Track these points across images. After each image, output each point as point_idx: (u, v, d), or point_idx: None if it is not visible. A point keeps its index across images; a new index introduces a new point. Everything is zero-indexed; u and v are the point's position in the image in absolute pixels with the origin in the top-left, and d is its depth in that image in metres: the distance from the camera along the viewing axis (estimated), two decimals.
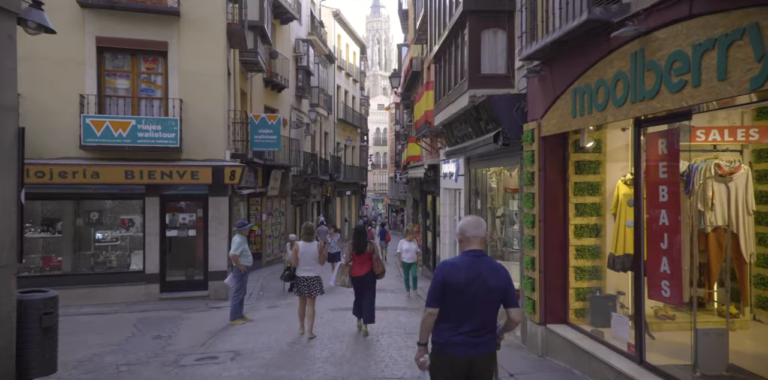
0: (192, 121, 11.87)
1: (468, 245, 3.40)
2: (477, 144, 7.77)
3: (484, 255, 3.42)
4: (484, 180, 10.74)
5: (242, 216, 18.20)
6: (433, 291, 3.34)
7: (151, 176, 11.38)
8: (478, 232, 3.41)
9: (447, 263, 3.42)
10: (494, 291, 3.27)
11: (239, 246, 9.20)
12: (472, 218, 3.55)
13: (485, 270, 3.29)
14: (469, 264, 3.30)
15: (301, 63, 23.93)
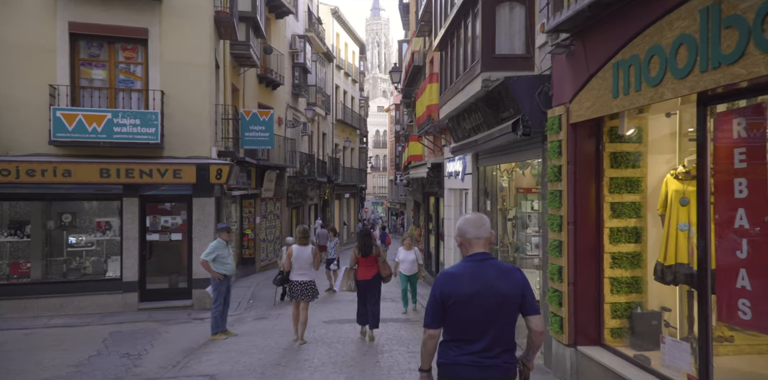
0: (174, 115, 10.90)
1: (470, 248, 2.90)
2: (490, 136, 6.80)
3: (490, 257, 2.88)
4: (494, 179, 9.76)
5: (234, 220, 17.23)
6: (431, 309, 2.83)
7: (129, 175, 10.39)
8: (480, 232, 2.89)
9: (445, 274, 2.90)
10: (507, 299, 2.75)
11: (213, 251, 8.29)
12: (473, 216, 2.99)
13: (493, 276, 2.77)
14: (472, 271, 2.79)
15: (298, 60, 23.00)
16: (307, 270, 7.84)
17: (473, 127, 8.00)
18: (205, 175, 10.77)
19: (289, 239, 11.79)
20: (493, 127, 6.98)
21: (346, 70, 35.32)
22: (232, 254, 8.64)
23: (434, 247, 14.99)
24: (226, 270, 8.38)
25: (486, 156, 9.13)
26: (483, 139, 7.24)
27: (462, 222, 2.95)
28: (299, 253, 7.76)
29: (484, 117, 7.24)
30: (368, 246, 8.01)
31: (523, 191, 9.60)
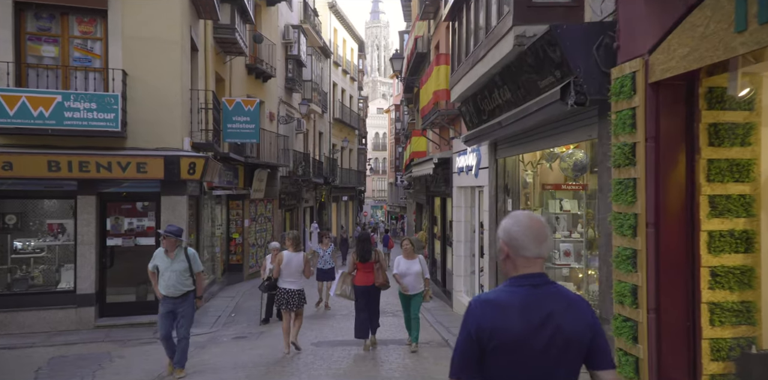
0: (140, 100, 9.32)
1: (522, 267, 1.99)
2: (523, 112, 5.22)
3: (550, 281, 1.99)
4: (516, 173, 8.18)
5: (219, 222, 15.65)
6: (461, 351, 1.96)
7: (84, 168, 8.80)
8: (542, 250, 1.98)
9: (484, 301, 1.99)
10: (572, 343, 1.91)
11: (152, 260, 6.62)
12: (531, 220, 2.04)
13: (556, 310, 1.92)
14: (526, 302, 1.92)
15: (292, 51, 21.46)
16: (297, 278, 7.53)
17: (495, 106, 6.43)
18: (175, 169, 9.18)
19: (273, 244, 10.17)
20: (525, 102, 5.41)
21: (345, 68, 33.84)
22: (181, 269, 6.46)
23: (440, 253, 13.40)
24: (161, 288, 6.51)
25: (508, 144, 7.56)
26: (511, 118, 5.66)
27: (516, 230, 2.01)
28: (290, 260, 7.44)
29: (512, 91, 5.67)
30: (367, 251, 7.75)
31: (550, 188, 8.04)
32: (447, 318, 10.25)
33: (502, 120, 6.00)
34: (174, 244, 6.47)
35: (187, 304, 6.56)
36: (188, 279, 6.52)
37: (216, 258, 15.03)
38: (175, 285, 6.42)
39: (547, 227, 2.05)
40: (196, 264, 6.62)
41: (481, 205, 9.61)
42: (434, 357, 7.40)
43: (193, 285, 6.58)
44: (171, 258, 6.45)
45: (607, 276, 4.42)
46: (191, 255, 6.58)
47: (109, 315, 9.50)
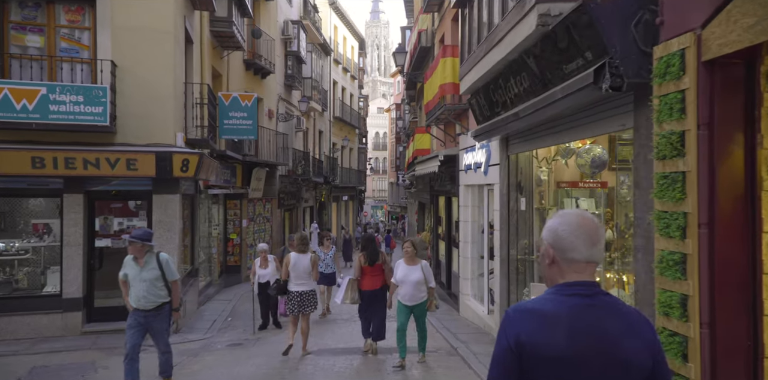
0: (129, 93, 8.83)
1: (570, 273, 1.69)
2: (546, 100, 4.71)
3: (602, 292, 1.68)
4: (529, 170, 7.69)
5: (216, 223, 15.15)
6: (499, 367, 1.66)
7: (70, 165, 8.30)
8: (595, 253, 1.70)
9: (523, 310, 1.68)
10: (631, 368, 1.60)
11: (122, 268, 5.83)
12: (580, 218, 1.73)
13: (613, 325, 1.62)
14: (574, 314, 1.62)
15: (291, 47, 20.96)
16: (306, 280, 7.38)
17: (511, 97, 5.93)
18: (167, 166, 8.67)
19: (261, 246, 9.69)
20: (546, 90, 4.90)
21: (345, 65, 33.35)
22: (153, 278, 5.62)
23: (445, 255, 12.90)
24: (132, 300, 5.69)
25: (522, 139, 7.06)
26: (530, 108, 5.15)
27: (564, 230, 1.72)
28: (297, 261, 7.31)
29: (531, 78, 5.16)
30: (375, 253, 7.43)
31: (565, 186, 7.54)
32: (454, 324, 9.75)
33: (520, 111, 5.49)
34: (141, 250, 5.62)
35: (161, 318, 5.74)
36: (161, 289, 5.66)
37: (213, 260, 14.54)
38: (147, 297, 5.59)
39: (601, 228, 1.73)
40: (170, 272, 5.75)
41: (490, 204, 9.11)
42: (443, 367, 6.89)
43: (167, 296, 5.73)
44: (140, 266, 5.63)
45: (645, 284, 3.92)
46: (164, 262, 5.73)
47: (98, 320, 9.00)
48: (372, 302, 7.39)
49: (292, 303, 7.32)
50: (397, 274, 6.83)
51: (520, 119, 5.56)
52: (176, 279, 5.81)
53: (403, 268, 6.82)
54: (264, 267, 9.44)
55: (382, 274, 7.44)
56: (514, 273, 7.69)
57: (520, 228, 7.68)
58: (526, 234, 7.67)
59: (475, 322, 9.53)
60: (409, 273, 6.75)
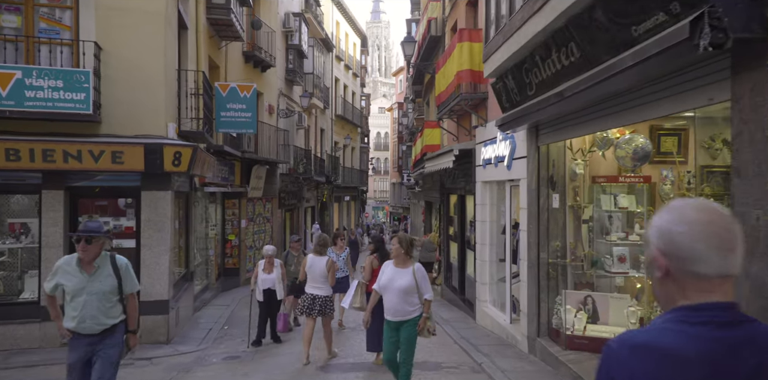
0: (116, 78, 8.01)
1: (695, 291, 1.24)
2: (606, 71, 3.87)
3: (748, 318, 1.23)
4: (562, 163, 6.86)
5: (214, 223, 14.31)
6: None
7: (49, 157, 7.47)
8: (729, 260, 1.21)
9: (638, 347, 1.22)
10: None
11: (52, 275, 4.22)
12: (703, 212, 1.23)
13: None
14: (709, 351, 1.18)
15: (292, 41, 20.15)
16: (322, 284, 7.07)
17: (552, 74, 5.09)
18: (157, 159, 7.85)
19: (268, 248, 8.70)
20: (603, 62, 4.07)
21: (347, 63, 32.55)
22: (106, 291, 4.12)
23: (457, 257, 12.06)
24: (69, 321, 4.09)
25: (554, 127, 6.23)
26: (581, 84, 4.31)
27: (682, 232, 1.22)
28: (313, 264, 7.08)
29: (584, 47, 4.32)
30: (386, 255, 6.70)
31: (603, 181, 6.72)
32: (471, 333, 8.91)
33: (565, 89, 4.65)
34: (95, 251, 4.10)
35: (112, 345, 4.14)
36: (115, 305, 4.16)
37: (210, 262, 13.71)
38: (96, 316, 4.05)
39: (736, 225, 1.23)
40: (131, 282, 4.29)
41: (514, 202, 8.29)
42: None
43: (122, 314, 4.24)
44: (88, 274, 4.09)
45: (760, 290, 3.07)
46: (123, 268, 4.24)
47: None
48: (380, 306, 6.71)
49: (305, 304, 7.08)
50: (381, 279, 5.26)
51: (564, 100, 4.73)
52: (137, 291, 4.39)
53: (388, 271, 5.27)
54: (268, 272, 8.39)
55: None
56: (544, 278, 6.86)
57: (551, 228, 6.85)
58: (559, 234, 6.84)
59: (495, 332, 8.69)
60: (396, 277, 5.17)
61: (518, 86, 6.07)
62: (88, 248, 4.06)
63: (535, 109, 5.61)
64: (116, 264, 4.21)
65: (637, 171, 6.73)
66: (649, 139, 6.73)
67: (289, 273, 9.16)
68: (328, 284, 7.09)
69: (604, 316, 6.43)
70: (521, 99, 6.15)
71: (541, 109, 5.48)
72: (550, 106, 5.11)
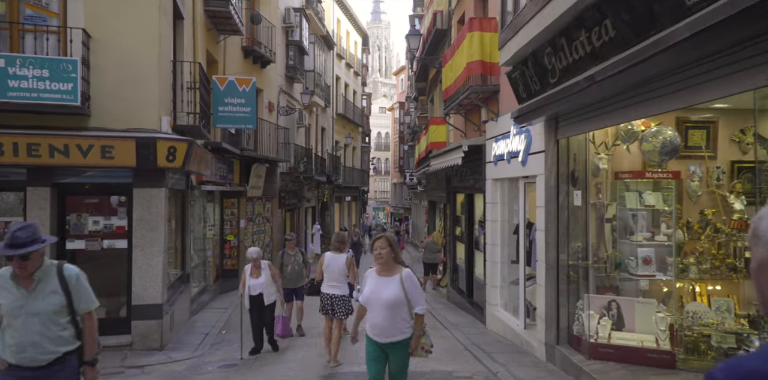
0: (106, 69, 7.55)
1: None
2: (652, 48, 3.41)
3: None
4: (584, 157, 6.39)
5: (212, 222, 13.84)
6: None
7: (33, 152, 7.01)
8: None
9: (751, 374, 1.01)
10: None
11: None
12: None
13: None
14: None
15: (293, 37, 19.70)
16: (341, 282, 6.90)
17: (580, 57, 4.62)
18: (150, 155, 7.38)
19: (252, 251, 7.80)
20: (645, 39, 3.61)
21: (348, 61, 32.11)
22: (51, 311, 3.22)
23: (465, 259, 11.59)
24: (4, 351, 3.21)
25: (579, 118, 5.77)
26: (618, 64, 3.85)
27: None
28: (331, 262, 6.90)
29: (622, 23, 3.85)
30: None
31: (628, 177, 6.26)
32: (482, 339, 8.44)
33: (597, 72, 4.19)
34: (35, 264, 3.17)
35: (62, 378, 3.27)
36: (65, 328, 3.27)
37: (208, 263, 13.26)
38: (38, 344, 3.17)
39: None
40: (84, 297, 3.36)
41: (529, 200, 7.82)
42: None
43: (76, 341, 3.33)
44: (28, 290, 3.19)
45: None
46: (72, 280, 3.31)
47: None
48: None
49: (323, 305, 6.93)
50: (363, 291, 4.31)
51: (595, 85, 4.27)
52: (94, 308, 3.44)
53: (372, 281, 4.26)
54: (256, 277, 7.60)
55: None
56: (564, 282, 6.39)
57: (571, 227, 6.39)
58: (580, 234, 6.37)
59: (507, 337, 8.22)
60: (381, 288, 4.16)
61: (539, 73, 5.61)
62: (26, 264, 3.11)
63: (559, 98, 5.15)
64: (64, 277, 3.27)
65: (663, 166, 6.28)
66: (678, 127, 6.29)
67: (285, 274, 8.67)
68: (345, 283, 6.91)
69: (630, 323, 5.97)
70: (541, 87, 5.68)
71: (565, 97, 5.02)
72: (577, 93, 4.65)
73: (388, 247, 4.21)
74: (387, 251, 4.20)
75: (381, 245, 4.22)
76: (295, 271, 8.86)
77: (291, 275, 8.78)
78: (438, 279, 15.53)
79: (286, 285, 8.52)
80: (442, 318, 10.50)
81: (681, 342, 5.55)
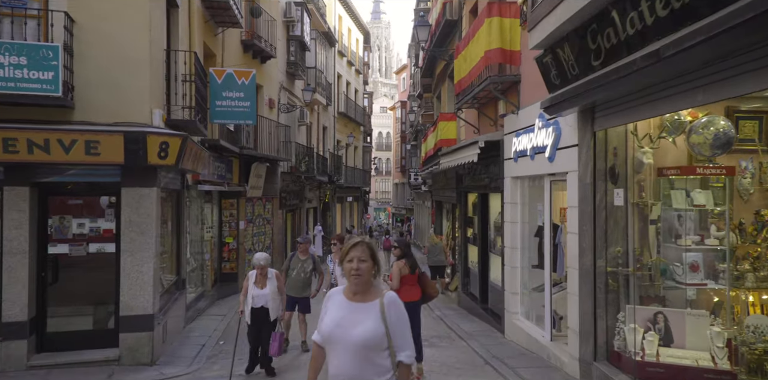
0: (92, 57, 6.88)
1: None
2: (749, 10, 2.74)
3: None
4: (626, 151, 5.71)
5: (210, 224, 13.16)
6: None
7: (10, 147, 6.32)
8: None
9: None
10: None
11: None
12: None
13: None
14: None
15: (294, 32, 19.03)
16: None
17: (637, 32, 3.94)
18: (140, 150, 6.69)
19: (259, 256, 6.81)
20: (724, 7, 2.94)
21: (350, 59, 31.45)
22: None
23: (478, 263, 10.91)
24: None
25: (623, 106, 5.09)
26: (701, 32, 3.18)
27: None
28: None
29: None
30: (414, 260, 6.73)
31: (674, 173, 5.58)
32: (503, 350, 7.77)
33: (664, 47, 3.51)
34: None
35: None
36: None
37: (205, 267, 12.56)
38: None
39: None
40: None
41: (556, 200, 7.15)
42: None
43: None
44: None
45: None
46: None
47: (51, 349, 7.01)
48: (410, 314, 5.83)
49: None
50: (323, 323, 2.78)
51: (661, 62, 3.59)
52: None
53: (336, 308, 2.80)
54: (261, 287, 6.66)
55: (418, 284, 6.70)
56: (602, 291, 5.71)
57: (610, 230, 5.70)
58: (619, 238, 5.69)
59: (531, 350, 7.53)
60: (348, 321, 2.71)
61: (578, 56, 4.93)
62: None
63: (603, 82, 4.47)
64: None
65: (713, 160, 5.60)
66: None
67: (290, 282, 7.91)
68: None
69: (680, 338, 5.29)
70: (580, 72, 5.00)
71: (612, 81, 4.34)
72: (630, 75, 3.97)
73: (370, 260, 2.76)
74: (367, 266, 2.74)
75: (360, 255, 2.74)
76: (301, 279, 8.03)
77: (294, 282, 7.98)
78: (446, 282, 14.85)
79: (287, 292, 7.68)
80: (455, 326, 9.83)
81: (742, 361, 4.87)
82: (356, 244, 2.78)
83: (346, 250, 2.78)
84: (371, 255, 2.77)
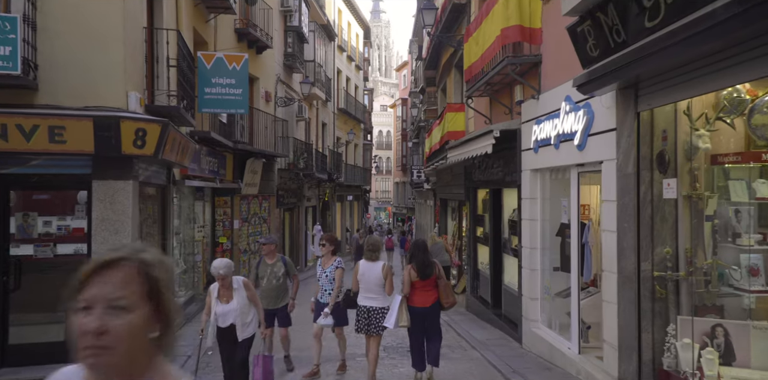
0: (59, 32, 6.05)
1: None
2: None
3: None
4: (675, 135, 4.88)
5: (202, 223, 12.33)
6: None
7: None
8: None
9: None
10: None
11: None
12: None
13: None
14: None
15: (292, 22, 18.23)
16: (378, 294, 6.17)
17: None
18: (112, 138, 5.87)
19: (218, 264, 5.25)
20: None
21: (350, 54, 30.65)
22: None
23: (490, 264, 10.07)
24: None
25: (674, 79, 4.26)
26: None
27: None
28: (365, 271, 6.18)
29: None
30: (428, 265, 6.14)
31: (733, 160, 4.76)
32: (523, 363, 6.94)
33: None
34: None
35: None
36: None
37: (197, 269, 11.74)
38: None
39: None
40: None
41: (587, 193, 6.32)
42: None
43: None
44: None
45: None
46: None
47: (14, 364, 6.19)
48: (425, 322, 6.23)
49: (359, 320, 6.16)
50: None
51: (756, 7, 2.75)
52: None
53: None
54: (225, 301, 5.33)
55: (436, 289, 6.22)
56: (647, 299, 4.87)
57: (657, 228, 4.87)
58: (669, 236, 4.85)
59: (555, 363, 6.70)
60: None
61: (626, 17, 4.10)
62: None
63: (665, 45, 3.64)
64: None
65: None
66: None
67: (262, 292, 6.44)
68: (384, 293, 6.22)
69: (744, 355, 4.45)
70: (628, 38, 4.17)
71: (677, 42, 3.51)
72: (711, 28, 3.14)
73: (143, 305, 1.22)
74: (129, 324, 1.15)
75: (109, 295, 1.15)
76: (273, 286, 6.59)
77: (267, 292, 6.56)
78: (453, 283, 14.02)
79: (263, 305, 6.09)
80: (465, 334, 8.99)
81: None
82: (107, 266, 1.20)
83: (81, 279, 1.19)
84: (150, 291, 1.22)
